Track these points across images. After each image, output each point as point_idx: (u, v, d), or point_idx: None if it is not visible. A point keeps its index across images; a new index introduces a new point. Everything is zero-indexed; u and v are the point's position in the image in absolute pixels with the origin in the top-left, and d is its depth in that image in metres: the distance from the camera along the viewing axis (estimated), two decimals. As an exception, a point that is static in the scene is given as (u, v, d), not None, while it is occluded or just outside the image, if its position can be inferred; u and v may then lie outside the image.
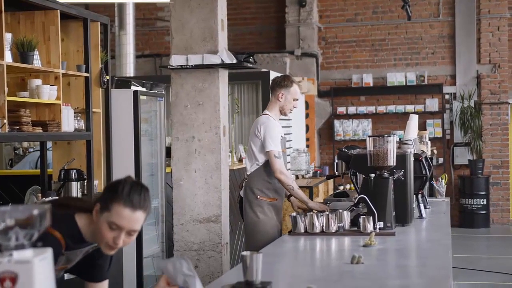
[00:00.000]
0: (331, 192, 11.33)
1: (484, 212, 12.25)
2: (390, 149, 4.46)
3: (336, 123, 12.88)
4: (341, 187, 12.28)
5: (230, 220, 6.23)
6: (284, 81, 5.33)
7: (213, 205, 5.84)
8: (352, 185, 11.73)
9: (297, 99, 5.35)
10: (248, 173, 5.34)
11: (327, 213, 4.44)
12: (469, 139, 12.35)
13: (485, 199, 12.23)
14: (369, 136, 4.55)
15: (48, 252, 1.83)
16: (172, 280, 2.58)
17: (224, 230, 5.88)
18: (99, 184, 5.87)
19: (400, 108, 12.63)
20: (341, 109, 12.90)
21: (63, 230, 2.60)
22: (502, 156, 12.58)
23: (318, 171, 10.98)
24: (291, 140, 10.55)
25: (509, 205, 12.64)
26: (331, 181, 11.33)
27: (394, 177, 4.52)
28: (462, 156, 12.56)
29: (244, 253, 2.80)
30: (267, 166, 5.22)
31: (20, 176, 6.75)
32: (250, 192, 5.27)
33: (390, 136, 4.50)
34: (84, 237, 2.67)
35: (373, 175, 4.46)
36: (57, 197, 4.98)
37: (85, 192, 5.63)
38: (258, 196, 5.22)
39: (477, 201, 12.21)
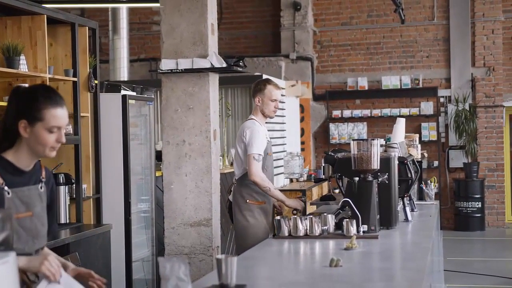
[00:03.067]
0: (325, 195, 11.34)
1: (479, 215, 12.26)
2: (374, 153, 4.47)
3: (332, 126, 12.90)
4: (337, 191, 12.28)
5: (221, 224, 6.24)
6: (258, 85, 5.46)
7: (204, 209, 5.86)
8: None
9: (275, 100, 5.39)
10: (236, 178, 5.40)
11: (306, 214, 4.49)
12: (464, 142, 12.35)
13: (480, 202, 12.24)
14: (353, 140, 4.57)
15: (11, 256, 1.85)
16: (162, 279, 2.61)
17: (215, 233, 5.90)
18: (87, 188, 5.89)
19: (395, 111, 12.64)
20: (336, 113, 12.92)
21: None
22: (497, 159, 12.59)
23: (313, 175, 10.99)
24: (285, 144, 10.58)
25: (504, 208, 12.65)
26: (325, 184, 11.34)
27: (378, 181, 4.54)
28: (457, 159, 12.57)
29: (219, 256, 2.83)
30: None
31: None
32: (240, 197, 5.32)
33: (374, 139, 4.51)
34: (19, 168, 2.72)
35: (357, 178, 4.47)
36: None
37: (74, 196, 5.64)
38: (248, 200, 5.29)
39: (472, 204, 12.22)
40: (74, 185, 5.62)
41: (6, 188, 2.66)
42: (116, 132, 6.27)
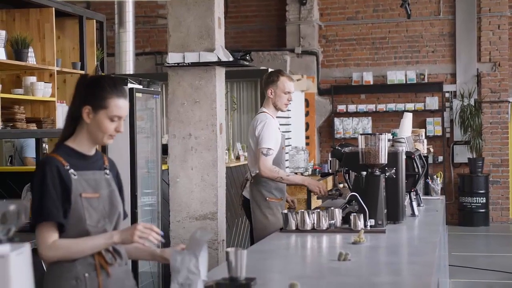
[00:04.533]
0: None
1: (483, 210, 12.26)
2: (381, 147, 4.46)
3: (336, 121, 12.90)
4: (341, 185, 12.29)
5: (226, 218, 6.24)
6: (271, 77, 5.26)
7: (210, 203, 5.86)
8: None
9: (288, 92, 5.23)
10: (253, 174, 5.25)
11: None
12: (469, 137, 12.35)
13: (484, 198, 12.24)
14: (360, 134, 4.56)
15: (26, 247, 1.86)
16: (173, 271, 2.65)
17: (220, 227, 5.91)
18: (94, 181, 5.89)
19: (400, 106, 12.63)
20: (341, 107, 12.92)
21: (57, 152, 2.81)
22: (502, 154, 12.58)
23: (318, 169, 10.98)
24: (290, 138, 10.58)
25: (508, 203, 12.65)
26: (330, 179, 11.34)
27: (385, 175, 4.54)
28: (462, 155, 12.57)
29: (229, 249, 2.83)
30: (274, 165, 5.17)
31: (18, 173, 6.77)
32: (258, 194, 5.21)
33: (381, 134, 4.51)
34: (82, 153, 2.84)
35: (364, 172, 4.47)
36: None
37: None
38: (267, 198, 5.18)
39: (476, 200, 12.22)
40: (81, 177, 5.62)
41: (72, 170, 2.78)
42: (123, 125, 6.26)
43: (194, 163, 5.85)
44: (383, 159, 4.48)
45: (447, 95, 12.71)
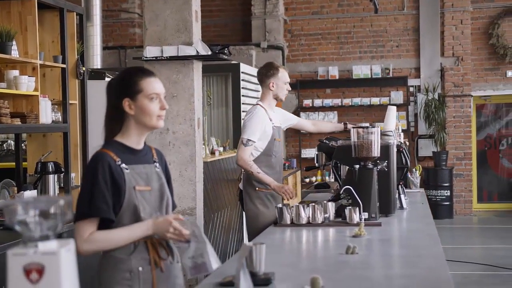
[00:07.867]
0: (299, 184, 11.38)
1: (447, 203, 12.43)
2: (374, 140, 4.48)
3: (302, 115, 12.91)
4: (307, 180, 12.34)
5: (204, 213, 6.20)
6: (270, 70, 5.38)
7: (188, 198, 5.83)
8: (323, 177, 11.77)
9: (287, 82, 5.41)
10: None
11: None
12: (433, 131, 12.50)
13: (448, 191, 12.41)
14: (353, 127, 4.57)
15: (71, 244, 1.80)
16: (181, 248, 2.78)
17: (198, 222, 5.86)
18: (76, 177, 5.78)
19: (366, 100, 12.72)
20: (307, 102, 12.94)
21: (108, 148, 2.84)
22: (465, 148, 12.77)
23: (286, 164, 11.01)
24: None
25: (471, 196, 12.85)
26: (298, 174, 11.39)
27: (378, 168, 4.55)
28: (426, 148, 12.72)
29: (248, 244, 2.79)
30: (263, 157, 5.23)
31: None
32: (249, 185, 5.30)
33: (374, 127, 4.52)
34: (131, 147, 2.86)
35: (357, 166, 4.48)
36: None
37: (62, 185, 5.53)
38: (257, 188, 5.26)
39: (441, 193, 12.38)
40: (63, 174, 5.50)
41: (123, 165, 2.80)
42: (101, 120, 6.16)
43: (172, 158, 5.80)
44: (376, 152, 4.49)
45: (411, 89, 12.83)
